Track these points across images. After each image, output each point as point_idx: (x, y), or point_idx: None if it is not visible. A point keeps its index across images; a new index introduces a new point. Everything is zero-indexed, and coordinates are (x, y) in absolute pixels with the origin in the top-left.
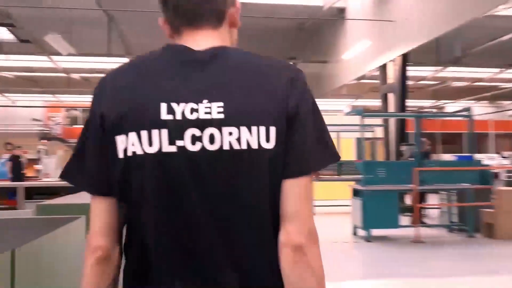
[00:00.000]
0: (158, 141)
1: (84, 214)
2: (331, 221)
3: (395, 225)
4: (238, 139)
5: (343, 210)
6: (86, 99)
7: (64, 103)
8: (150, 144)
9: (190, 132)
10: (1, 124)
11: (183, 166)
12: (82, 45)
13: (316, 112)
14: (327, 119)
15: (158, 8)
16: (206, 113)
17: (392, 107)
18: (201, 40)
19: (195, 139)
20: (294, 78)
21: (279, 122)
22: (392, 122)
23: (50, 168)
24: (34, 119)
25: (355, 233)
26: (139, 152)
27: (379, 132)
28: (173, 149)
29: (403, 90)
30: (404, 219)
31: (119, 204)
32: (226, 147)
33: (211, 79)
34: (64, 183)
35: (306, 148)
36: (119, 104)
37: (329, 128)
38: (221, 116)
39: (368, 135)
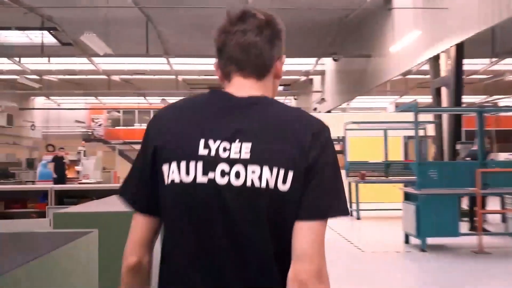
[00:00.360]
0: (194, 172)
1: (98, 225)
2: (379, 227)
3: (455, 233)
4: (260, 178)
5: (391, 214)
6: (126, 101)
7: (106, 105)
8: (187, 173)
9: (221, 167)
10: (46, 126)
11: (211, 196)
12: (120, 46)
13: (334, 165)
14: (372, 117)
15: (196, 9)
16: (235, 152)
17: (445, 102)
18: (245, 88)
19: (223, 173)
20: (318, 133)
21: (297, 168)
22: (445, 118)
23: (89, 170)
24: (77, 121)
25: (407, 242)
26: (177, 180)
27: (428, 130)
28: (205, 180)
29: (458, 84)
30: (463, 226)
31: (159, 222)
32: (248, 183)
33: (244, 123)
34: (95, 186)
35: (321, 195)
36: (166, 138)
37: (377, 125)
38: (248, 156)
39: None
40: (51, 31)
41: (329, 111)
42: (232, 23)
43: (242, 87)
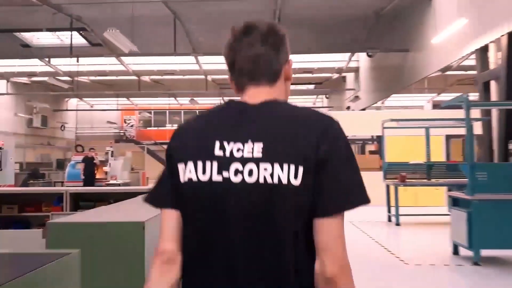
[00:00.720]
0: (210, 171)
1: (92, 236)
2: (421, 235)
3: None
4: (272, 175)
5: (433, 220)
6: (157, 102)
7: (138, 106)
8: (203, 172)
9: (234, 166)
10: (79, 127)
11: (226, 193)
12: (148, 45)
13: (349, 157)
14: (411, 114)
15: (225, 4)
16: (248, 152)
17: (494, 97)
18: (259, 94)
19: (237, 172)
20: (327, 129)
21: (308, 164)
22: (494, 115)
23: (117, 170)
24: (109, 122)
25: (456, 253)
26: (194, 178)
27: (474, 129)
28: (219, 178)
29: (511, 76)
30: None
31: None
32: (261, 180)
33: (257, 126)
34: (112, 189)
35: (337, 190)
36: (186, 141)
37: (416, 123)
38: (260, 155)
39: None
40: (81, 32)
41: (363, 109)
42: (237, 38)
43: (255, 94)
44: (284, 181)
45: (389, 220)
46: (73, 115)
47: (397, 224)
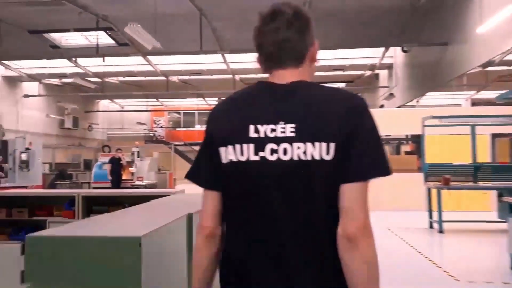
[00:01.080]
0: (247, 152)
1: (76, 252)
2: (469, 244)
3: None
4: (305, 152)
5: (481, 227)
6: (186, 103)
7: (167, 106)
8: (242, 154)
9: (269, 146)
10: (111, 128)
11: (264, 171)
12: (174, 44)
13: (373, 132)
14: (449, 112)
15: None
16: (281, 132)
17: None
18: (285, 76)
19: (273, 151)
20: (353, 107)
21: (338, 140)
22: None
23: (143, 171)
24: (139, 123)
25: None
26: (234, 159)
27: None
28: (257, 158)
29: None
30: None
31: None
32: (295, 158)
33: (287, 107)
34: (126, 191)
35: (361, 159)
36: (221, 126)
37: (462, 120)
38: (293, 134)
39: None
40: (108, 31)
41: (398, 107)
42: (265, 23)
43: (283, 76)
44: (317, 157)
45: (431, 226)
46: (104, 116)
47: (440, 231)
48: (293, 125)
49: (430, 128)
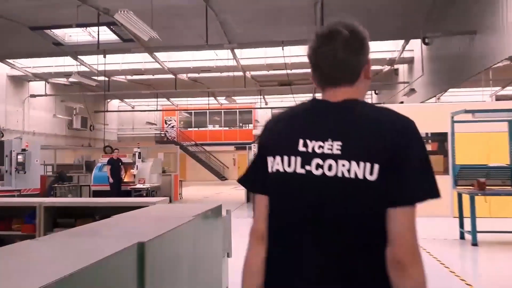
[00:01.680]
0: (294, 164)
1: None
2: (508, 260)
3: None
4: (349, 170)
5: None
6: (197, 102)
7: (178, 106)
8: (289, 165)
9: (316, 161)
10: (121, 128)
11: (309, 184)
12: (181, 39)
13: (422, 154)
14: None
15: None
16: (328, 149)
17: None
18: (338, 94)
19: (318, 166)
20: (402, 130)
21: (382, 161)
22: None
23: (145, 173)
24: (148, 123)
25: None
26: (281, 170)
27: None
28: (303, 171)
29: None
30: None
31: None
32: (339, 174)
33: (336, 125)
34: (96, 201)
35: (412, 183)
36: (273, 138)
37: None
38: (339, 152)
39: None
40: (111, 27)
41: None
42: (322, 44)
43: (336, 94)
44: (360, 176)
45: (462, 237)
46: (115, 116)
47: (474, 243)
48: (339, 143)
49: (458, 125)
